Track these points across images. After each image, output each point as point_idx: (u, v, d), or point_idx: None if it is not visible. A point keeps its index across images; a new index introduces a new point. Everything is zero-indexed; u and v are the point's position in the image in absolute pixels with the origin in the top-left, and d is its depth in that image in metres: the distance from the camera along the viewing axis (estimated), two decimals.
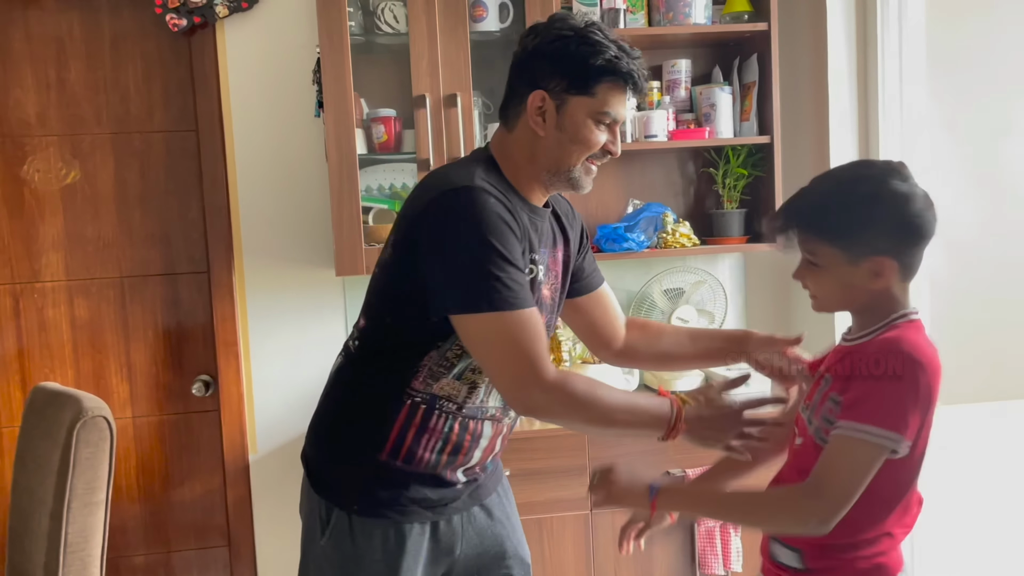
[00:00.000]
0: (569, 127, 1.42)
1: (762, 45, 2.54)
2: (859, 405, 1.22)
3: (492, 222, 1.34)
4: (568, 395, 1.36)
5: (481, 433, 1.51)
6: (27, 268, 2.66)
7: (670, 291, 2.75)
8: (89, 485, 1.82)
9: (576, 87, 1.40)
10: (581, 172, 1.46)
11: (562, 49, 1.40)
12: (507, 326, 1.33)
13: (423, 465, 1.47)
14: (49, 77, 2.63)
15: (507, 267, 1.33)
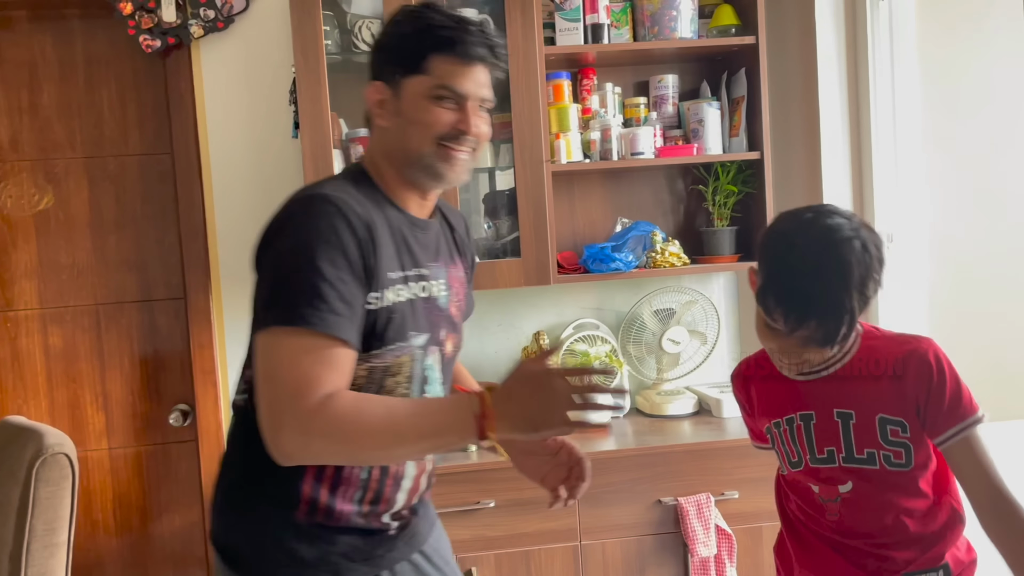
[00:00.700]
0: (407, 110, 1.32)
1: (750, 59, 2.48)
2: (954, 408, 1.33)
3: (322, 234, 1.20)
4: (326, 422, 1.13)
5: (403, 475, 1.37)
6: (0, 296, 2.59)
7: (660, 312, 2.68)
8: (49, 526, 1.74)
9: (408, 67, 1.31)
10: (435, 158, 1.31)
11: (392, 34, 1.34)
12: (290, 344, 1.16)
13: (344, 519, 1.32)
14: (22, 101, 2.57)
15: (321, 284, 1.17)
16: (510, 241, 2.48)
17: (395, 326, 1.28)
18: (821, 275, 1.30)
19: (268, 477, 1.28)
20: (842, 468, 1.39)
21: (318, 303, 1.17)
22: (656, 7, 2.44)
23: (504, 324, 2.73)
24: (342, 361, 1.19)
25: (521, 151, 2.36)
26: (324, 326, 1.16)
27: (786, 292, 1.33)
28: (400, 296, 1.29)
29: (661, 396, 2.63)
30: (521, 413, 1.13)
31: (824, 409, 1.39)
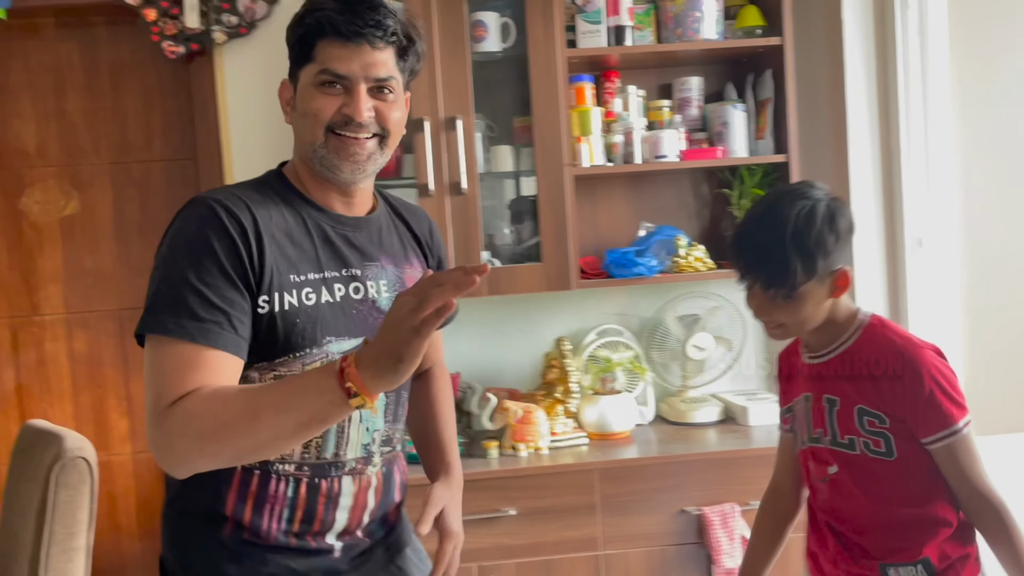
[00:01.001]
0: (298, 102, 1.25)
1: (776, 60, 2.43)
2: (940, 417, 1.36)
3: (192, 238, 1.15)
4: (178, 418, 1.07)
5: (339, 491, 1.27)
6: (26, 302, 2.62)
7: (685, 317, 2.63)
8: (68, 530, 1.73)
9: (301, 58, 1.24)
10: (327, 149, 1.23)
11: (289, 27, 1.27)
12: (158, 352, 1.12)
13: (273, 538, 1.24)
14: (48, 107, 2.59)
15: (184, 290, 1.12)
16: (531, 246, 2.46)
17: (300, 331, 1.20)
18: (759, 226, 1.43)
19: (194, 494, 1.24)
20: (829, 450, 1.45)
21: (180, 310, 1.11)
22: (680, 8, 2.41)
23: (525, 330, 2.70)
24: (208, 363, 1.11)
25: (542, 155, 2.33)
26: (183, 334, 1.11)
27: (734, 245, 1.46)
28: (309, 299, 1.21)
29: (686, 403, 2.59)
30: (377, 349, 0.98)
31: (818, 392, 1.47)
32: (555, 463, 2.26)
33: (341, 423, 1.25)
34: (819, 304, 1.40)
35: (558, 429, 2.41)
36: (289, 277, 1.20)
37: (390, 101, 1.25)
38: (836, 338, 1.45)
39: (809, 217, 1.38)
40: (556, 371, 2.50)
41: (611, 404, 2.45)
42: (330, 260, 1.26)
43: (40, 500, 1.74)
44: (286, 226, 1.23)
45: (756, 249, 1.41)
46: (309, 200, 1.28)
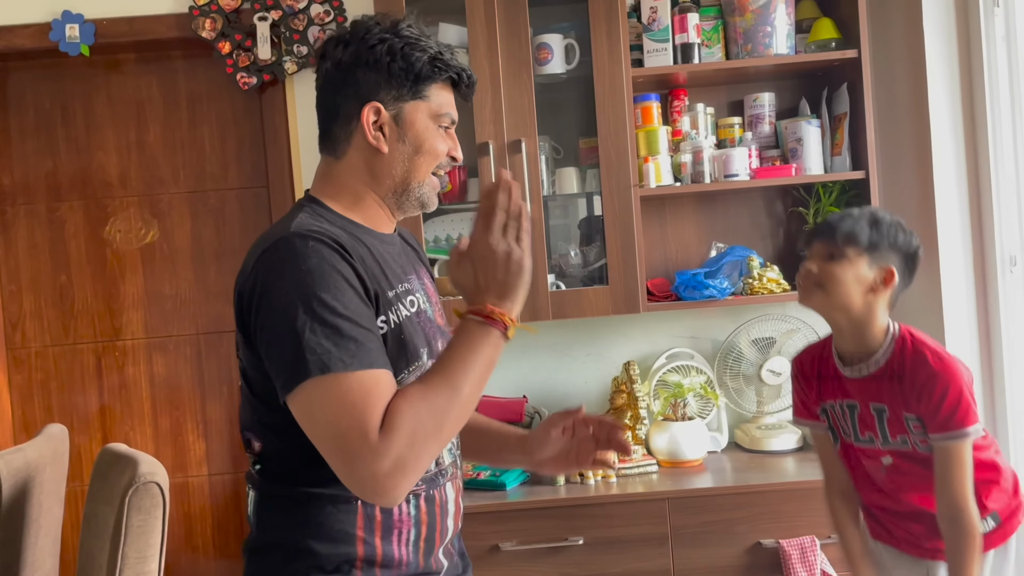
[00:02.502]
0: (412, 137, 1.26)
1: (852, 73, 2.35)
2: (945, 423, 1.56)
3: (317, 271, 1.13)
4: (397, 432, 1.06)
5: (446, 498, 1.30)
6: (108, 326, 2.71)
7: (759, 341, 2.55)
8: (141, 553, 1.77)
9: (410, 92, 1.25)
10: (429, 187, 1.30)
11: (386, 54, 1.24)
12: (334, 391, 1.08)
13: (406, 564, 1.24)
14: (130, 139, 2.69)
15: (337, 320, 1.11)
16: (598, 268, 2.42)
17: (409, 345, 1.23)
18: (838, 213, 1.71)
19: (315, 542, 1.20)
20: (881, 449, 1.65)
21: (342, 342, 1.09)
22: (749, 24, 2.35)
23: (593, 354, 2.65)
24: (385, 387, 1.11)
25: (608, 176, 2.30)
26: (357, 364, 1.09)
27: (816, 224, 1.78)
28: (401, 315, 1.24)
29: (761, 430, 2.50)
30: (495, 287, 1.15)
31: (863, 402, 1.65)
32: (624, 491, 2.20)
33: None
34: (859, 286, 1.59)
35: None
36: (387, 294, 1.23)
37: None
38: (871, 350, 1.63)
39: (892, 216, 1.63)
40: (624, 396, 2.44)
41: (682, 430, 2.38)
42: (393, 276, 1.28)
43: (115, 523, 1.78)
44: (357, 250, 1.23)
45: (835, 216, 1.64)
46: (355, 223, 1.29)
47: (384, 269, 1.25)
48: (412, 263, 1.38)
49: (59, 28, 2.51)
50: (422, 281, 1.37)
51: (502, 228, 1.14)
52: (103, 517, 1.86)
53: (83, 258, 2.70)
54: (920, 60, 2.33)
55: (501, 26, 2.28)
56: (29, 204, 2.69)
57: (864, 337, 1.63)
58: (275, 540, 1.22)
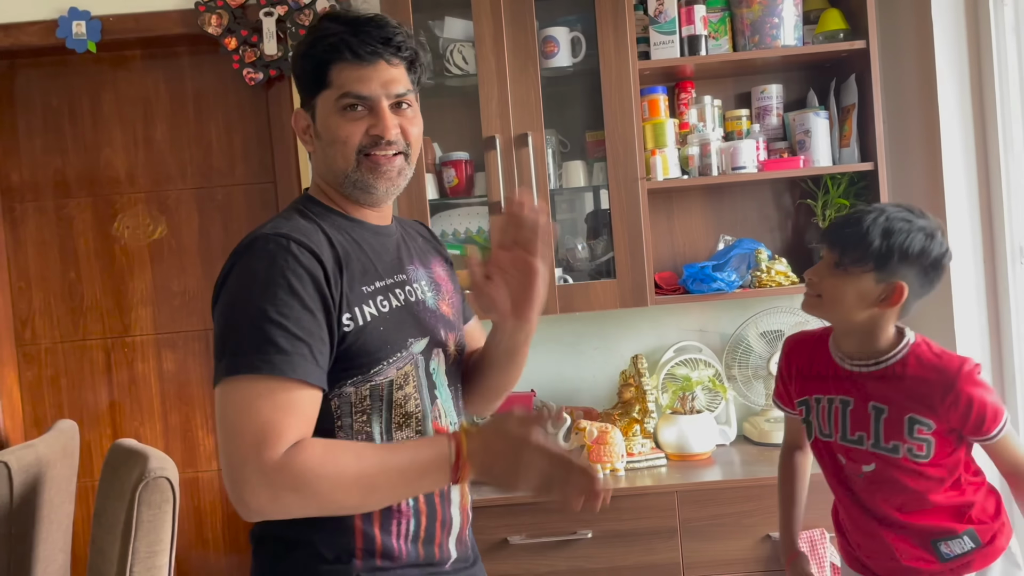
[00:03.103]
0: (322, 131, 1.25)
1: (861, 64, 2.33)
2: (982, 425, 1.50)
3: (265, 275, 1.14)
4: (295, 476, 1.06)
5: (449, 488, 1.28)
6: (118, 322, 2.72)
7: (767, 334, 2.54)
8: (151, 548, 1.78)
9: (316, 85, 1.24)
10: (362, 172, 1.24)
11: (299, 56, 1.26)
12: (244, 393, 1.09)
13: (405, 555, 1.24)
14: (137, 136, 2.70)
15: (267, 326, 1.11)
16: (606, 262, 2.42)
17: (389, 337, 1.22)
18: (858, 208, 1.56)
19: (313, 532, 1.20)
20: (869, 451, 1.55)
21: (265, 347, 1.10)
22: (756, 15, 2.34)
23: (601, 348, 2.65)
24: (301, 403, 1.12)
25: (615, 169, 2.29)
26: (272, 369, 1.09)
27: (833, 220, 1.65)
28: (384, 307, 1.23)
29: (770, 423, 2.49)
30: (493, 470, 1.12)
31: (860, 399, 1.55)
32: (632, 485, 2.20)
33: (436, 420, 1.28)
34: (863, 300, 1.49)
35: (635, 450, 2.36)
36: (362, 290, 1.22)
37: (409, 116, 1.27)
38: (881, 351, 1.53)
39: (907, 221, 1.48)
40: (633, 390, 2.44)
41: (691, 424, 2.37)
42: (385, 268, 1.28)
43: (126, 518, 1.79)
44: (343, 243, 1.24)
45: (849, 218, 1.52)
46: (347, 216, 1.30)
47: (374, 261, 1.26)
48: (418, 254, 1.38)
49: (66, 25, 2.51)
50: (430, 271, 1.37)
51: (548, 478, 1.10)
52: (113, 512, 1.87)
53: (92, 255, 2.71)
54: (929, 51, 2.31)
55: (507, 20, 2.27)
56: (37, 201, 2.70)
57: (868, 344, 1.54)
58: (276, 530, 1.23)
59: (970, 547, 1.54)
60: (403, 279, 1.30)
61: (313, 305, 1.15)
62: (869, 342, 1.54)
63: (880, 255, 1.46)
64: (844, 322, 1.54)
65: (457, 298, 1.43)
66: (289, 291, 1.13)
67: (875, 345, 1.54)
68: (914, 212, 1.51)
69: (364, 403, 1.21)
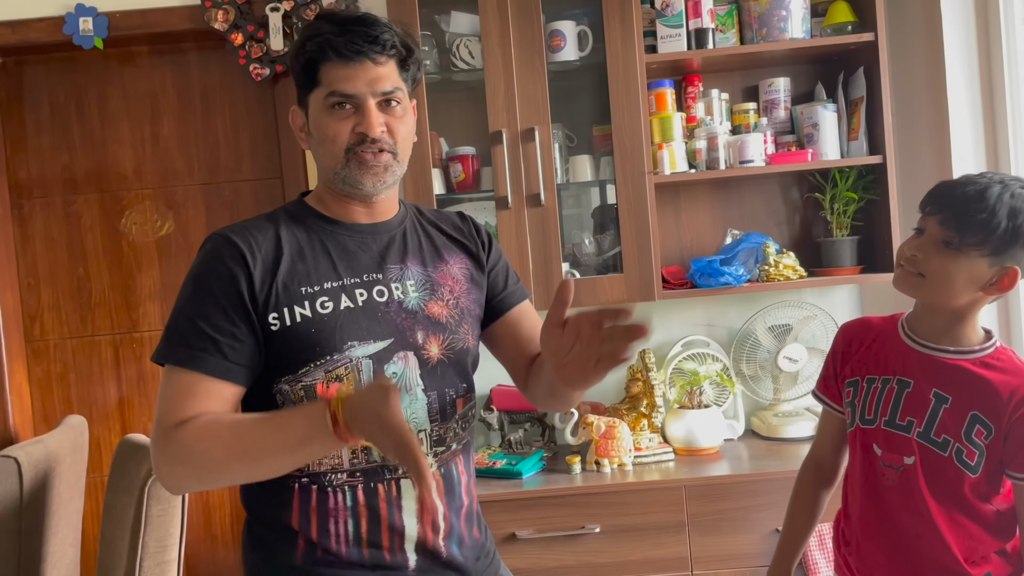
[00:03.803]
0: (313, 129, 1.29)
1: (869, 57, 2.32)
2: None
3: (198, 271, 1.24)
4: (178, 448, 1.14)
5: (399, 494, 1.25)
6: (126, 318, 2.73)
7: (776, 328, 2.53)
8: (161, 543, 1.79)
9: (308, 84, 1.28)
10: (350, 169, 1.27)
11: (292, 55, 1.30)
12: (163, 381, 1.21)
13: (345, 554, 1.24)
14: (144, 132, 2.70)
15: (185, 320, 1.20)
16: (613, 256, 2.41)
17: (320, 339, 1.22)
18: (982, 177, 1.36)
19: (261, 516, 1.28)
20: (915, 441, 1.40)
21: (176, 339, 1.20)
22: (764, 8, 2.33)
23: None
24: (207, 390, 1.19)
25: (622, 163, 2.29)
26: (177, 360, 1.19)
27: (940, 186, 1.39)
28: (325, 308, 1.24)
29: (778, 417, 2.49)
30: (368, 435, 1.07)
31: (924, 383, 1.40)
32: (640, 479, 2.20)
33: None
34: (971, 283, 1.34)
35: (643, 444, 2.35)
36: (300, 290, 1.24)
37: (398, 115, 1.28)
38: (961, 341, 1.39)
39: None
40: (640, 384, 2.44)
41: (699, 418, 2.37)
42: (348, 268, 1.29)
43: (135, 513, 1.80)
44: (296, 244, 1.28)
45: (967, 191, 1.33)
46: (325, 217, 1.32)
47: (336, 262, 1.28)
48: (419, 251, 1.36)
49: (72, 21, 2.52)
50: (430, 269, 1.35)
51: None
52: (123, 507, 1.88)
53: (100, 251, 2.71)
54: (938, 42, 2.30)
55: (513, 14, 2.27)
56: (45, 198, 2.70)
57: (955, 329, 1.39)
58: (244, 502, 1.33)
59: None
60: (375, 278, 1.29)
61: (226, 302, 1.21)
62: (958, 327, 1.39)
63: (1003, 239, 1.30)
64: (941, 305, 1.38)
65: (468, 298, 1.38)
66: (207, 290, 1.21)
67: (962, 331, 1.39)
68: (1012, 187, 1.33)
69: (301, 402, 1.23)
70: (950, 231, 1.33)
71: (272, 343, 1.22)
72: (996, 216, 1.30)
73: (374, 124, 1.25)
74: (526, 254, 2.30)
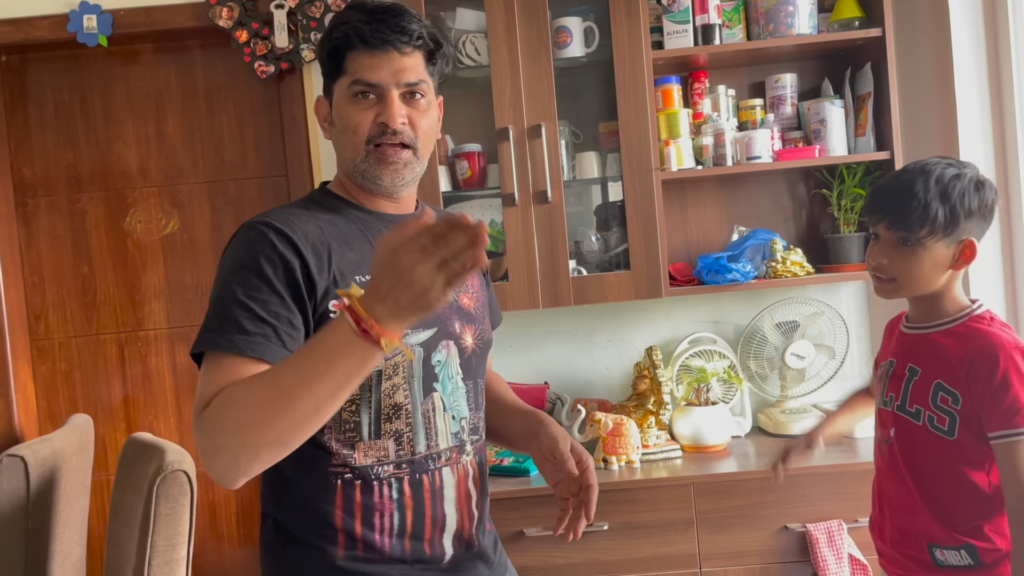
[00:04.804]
0: (336, 119, 1.27)
1: (876, 53, 2.31)
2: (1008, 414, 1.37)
3: (240, 259, 1.16)
4: (213, 408, 1.04)
5: (442, 484, 1.26)
6: (131, 317, 2.72)
7: (783, 325, 2.53)
8: (169, 541, 1.78)
9: (331, 73, 1.26)
10: (370, 162, 1.24)
11: (320, 42, 1.29)
12: (208, 366, 1.12)
13: (389, 549, 1.23)
14: (149, 130, 2.69)
15: (233, 308, 1.12)
16: (619, 253, 2.40)
17: None
18: (903, 173, 1.46)
19: (299, 517, 1.23)
20: (894, 414, 1.52)
21: (229, 326, 1.11)
22: (771, 3, 2.32)
23: (615, 339, 2.64)
24: (252, 372, 1.10)
25: (629, 160, 2.28)
26: (232, 347, 1.10)
27: (874, 191, 1.50)
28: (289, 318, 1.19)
29: (786, 414, 2.48)
30: (398, 301, 0.94)
31: (903, 359, 1.53)
32: (648, 477, 2.19)
33: (427, 414, 1.25)
34: (938, 267, 1.43)
35: (650, 441, 2.35)
36: (355, 278, 1.22)
37: (422, 108, 1.27)
38: (939, 316, 1.48)
39: (957, 176, 1.41)
40: (647, 381, 2.43)
41: (706, 415, 2.36)
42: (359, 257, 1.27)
43: (143, 512, 1.79)
44: (340, 234, 1.24)
45: (896, 189, 1.44)
46: (359, 206, 1.30)
47: (371, 252, 1.24)
48: None
49: (76, 19, 2.51)
50: None
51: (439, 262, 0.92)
52: (131, 506, 1.87)
53: (104, 249, 2.71)
54: (945, 38, 2.29)
55: (519, 10, 2.26)
56: (50, 196, 2.70)
57: (938, 306, 1.48)
58: (269, 510, 1.28)
59: (967, 563, 1.44)
60: None
61: (283, 290, 1.15)
62: (938, 304, 1.48)
63: (947, 221, 1.40)
64: (921, 292, 1.47)
65: (483, 293, 1.42)
66: (259, 275, 1.15)
67: (942, 306, 1.48)
68: (952, 163, 1.45)
69: (353, 392, 1.18)
70: (899, 231, 1.43)
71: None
72: (930, 206, 1.40)
73: (395, 114, 1.23)
74: (533, 251, 2.29)
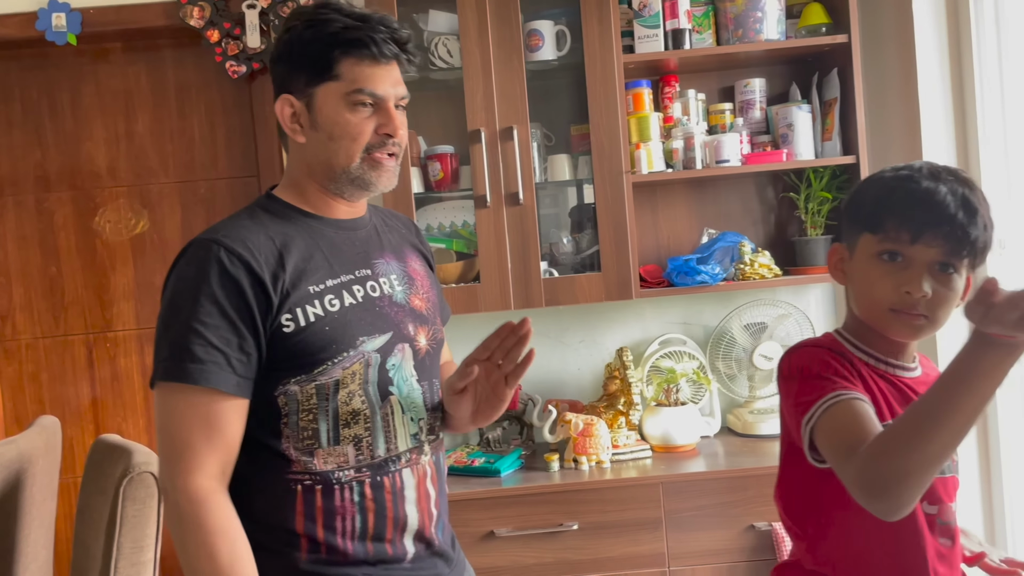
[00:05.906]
0: (323, 122, 1.24)
1: (843, 58, 2.35)
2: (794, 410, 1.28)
3: (191, 281, 1.17)
4: (197, 518, 1.14)
5: (402, 485, 1.27)
6: (99, 318, 2.70)
7: (751, 326, 2.56)
8: (136, 544, 1.77)
9: (317, 75, 1.23)
10: (364, 168, 1.25)
11: (293, 41, 1.25)
12: (176, 401, 1.15)
13: (351, 552, 1.23)
14: (118, 129, 2.67)
15: (200, 333, 1.14)
16: (590, 255, 2.42)
17: (335, 336, 1.22)
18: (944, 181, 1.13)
19: (259, 523, 1.23)
20: None
21: (183, 355, 1.14)
22: (740, 9, 2.35)
23: (587, 341, 2.66)
24: (220, 417, 1.16)
25: (600, 162, 2.30)
26: (186, 377, 1.14)
27: (907, 196, 1.13)
28: (333, 306, 1.23)
29: (753, 415, 2.51)
30: None
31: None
32: (618, 477, 2.21)
33: (385, 418, 1.26)
34: (955, 302, 1.16)
35: (620, 442, 2.37)
36: (308, 289, 1.22)
37: (403, 119, 1.30)
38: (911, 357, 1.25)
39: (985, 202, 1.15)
40: (618, 382, 2.45)
41: (675, 416, 2.39)
42: (342, 265, 1.28)
43: (110, 513, 1.77)
44: (290, 243, 1.24)
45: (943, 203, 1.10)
46: (306, 212, 1.30)
47: (331, 259, 1.26)
48: (392, 246, 1.37)
49: (45, 17, 2.49)
50: (404, 264, 1.36)
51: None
52: (97, 508, 1.86)
53: (73, 249, 2.68)
54: (910, 45, 2.33)
55: (492, 13, 2.27)
56: (17, 196, 2.67)
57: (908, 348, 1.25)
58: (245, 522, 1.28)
59: None
60: (367, 274, 1.29)
61: (235, 314, 1.17)
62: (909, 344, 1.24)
63: (984, 249, 1.14)
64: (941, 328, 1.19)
65: (434, 293, 1.43)
66: (211, 300, 1.16)
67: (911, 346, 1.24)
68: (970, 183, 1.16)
69: (310, 401, 1.22)
70: (953, 256, 1.11)
71: (284, 345, 1.19)
72: (989, 226, 1.13)
73: (398, 126, 1.26)
74: (504, 253, 2.30)
